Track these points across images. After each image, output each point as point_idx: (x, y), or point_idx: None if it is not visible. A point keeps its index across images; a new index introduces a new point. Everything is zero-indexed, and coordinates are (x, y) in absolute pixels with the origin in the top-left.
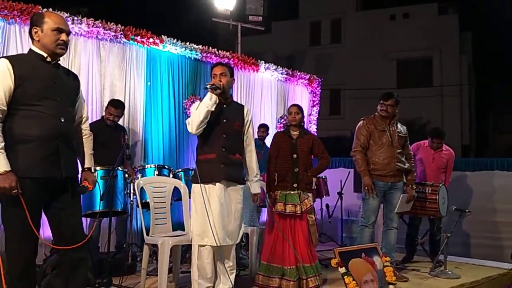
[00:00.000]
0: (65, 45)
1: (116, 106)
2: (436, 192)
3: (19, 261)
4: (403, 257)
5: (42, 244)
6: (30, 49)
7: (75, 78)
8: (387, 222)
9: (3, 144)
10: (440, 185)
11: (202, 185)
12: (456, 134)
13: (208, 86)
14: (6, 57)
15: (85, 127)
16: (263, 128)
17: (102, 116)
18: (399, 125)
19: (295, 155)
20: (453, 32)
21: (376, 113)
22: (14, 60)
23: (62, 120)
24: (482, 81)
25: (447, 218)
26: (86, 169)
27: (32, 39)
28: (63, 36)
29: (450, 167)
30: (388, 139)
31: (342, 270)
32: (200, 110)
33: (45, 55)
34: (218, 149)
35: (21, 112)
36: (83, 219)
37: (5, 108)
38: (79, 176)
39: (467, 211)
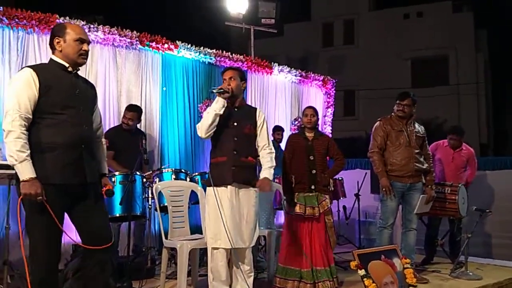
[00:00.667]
0: (86, 55)
1: (130, 109)
2: (455, 192)
3: (43, 267)
4: (423, 258)
5: (64, 249)
6: (51, 59)
7: (92, 87)
8: (406, 223)
9: (28, 152)
10: (460, 185)
11: (214, 188)
12: (473, 133)
13: (214, 91)
14: (30, 67)
15: (100, 133)
16: (279, 130)
17: (122, 122)
18: (416, 125)
19: (312, 156)
20: (468, 30)
21: (392, 114)
22: (37, 69)
23: (85, 128)
24: (498, 78)
25: (468, 218)
26: (103, 175)
27: (53, 49)
28: (85, 46)
29: (472, 166)
30: (405, 139)
31: (362, 272)
32: (208, 114)
33: (67, 65)
34: (229, 152)
35: (46, 120)
36: None
37: (31, 116)
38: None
39: (487, 211)
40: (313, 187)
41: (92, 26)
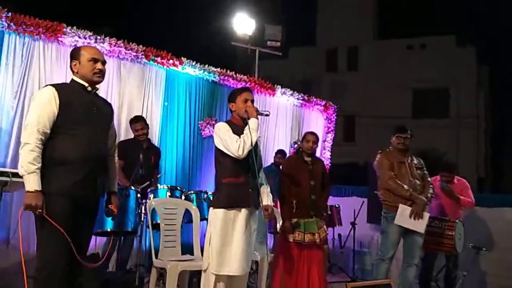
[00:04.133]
0: (101, 73)
1: (136, 120)
2: (452, 228)
3: (52, 277)
4: None
5: None
6: (72, 79)
7: (109, 106)
8: (408, 258)
9: (39, 165)
10: (457, 221)
11: (226, 210)
12: (471, 167)
13: (264, 113)
14: (52, 85)
15: (114, 151)
16: (280, 154)
17: (135, 136)
18: (413, 157)
19: (313, 182)
20: (471, 64)
21: (390, 147)
22: (59, 88)
23: (99, 144)
24: (499, 114)
25: (464, 254)
26: (112, 193)
27: (73, 71)
28: (99, 65)
29: (467, 194)
30: (407, 170)
31: None
32: (252, 133)
33: (86, 84)
34: (245, 173)
35: (62, 135)
36: (93, 237)
37: (48, 131)
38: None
39: (483, 249)
40: (312, 212)
41: (98, 37)
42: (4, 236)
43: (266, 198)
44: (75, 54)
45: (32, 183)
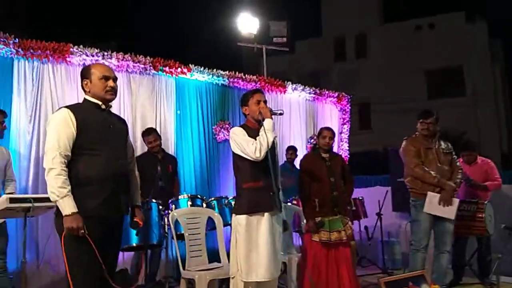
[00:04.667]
0: (113, 90)
1: (148, 133)
2: (482, 210)
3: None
4: (451, 279)
5: None
6: (85, 99)
7: (124, 122)
8: (439, 245)
9: (69, 187)
10: (486, 202)
11: (248, 216)
12: (494, 144)
13: (278, 112)
14: (66, 107)
15: (133, 165)
16: (292, 150)
17: (148, 150)
18: (442, 142)
19: (332, 178)
20: (483, 40)
21: (416, 133)
22: (73, 108)
23: (120, 162)
24: None
25: (496, 236)
26: (136, 207)
27: (84, 90)
28: (110, 83)
29: (493, 174)
30: (434, 156)
31: None
32: (268, 135)
33: (100, 103)
34: (266, 176)
35: (83, 156)
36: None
37: (70, 154)
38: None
39: None
40: (335, 209)
41: (106, 53)
42: (33, 258)
43: (284, 212)
44: (85, 73)
45: (68, 206)
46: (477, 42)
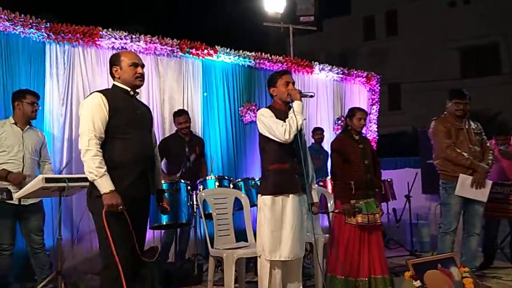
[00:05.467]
0: (142, 77)
1: (180, 113)
2: None
3: (120, 272)
4: (481, 262)
5: None
6: (114, 85)
7: (149, 109)
8: (469, 227)
9: (105, 167)
10: None
11: (274, 197)
12: None
13: (309, 95)
14: (99, 91)
15: (156, 151)
16: (319, 131)
17: (176, 131)
18: (471, 122)
19: (366, 160)
20: None
21: (445, 113)
22: (106, 93)
23: (148, 146)
24: None
25: None
26: (161, 190)
27: (113, 77)
28: (139, 69)
29: None
30: (466, 136)
31: (417, 283)
32: (297, 117)
33: (128, 89)
34: (291, 159)
35: (115, 140)
36: (150, 231)
37: (103, 136)
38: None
39: None
40: (370, 192)
41: (134, 36)
42: (68, 236)
43: (315, 195)
44: (115, 60)
45: (106, 184)
46: None
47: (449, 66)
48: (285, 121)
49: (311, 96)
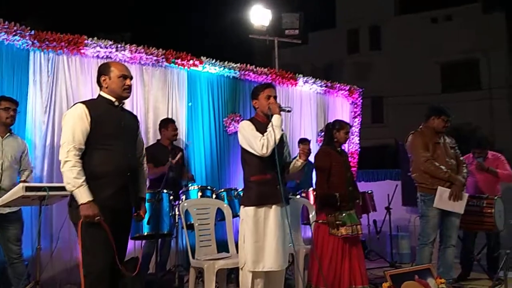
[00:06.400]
0: (130, 89)
1: (170, 121)
2: (491, 206)
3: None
4: (459, 274)
5: None
6: (100, 95)
7: (135, 118)
8: (445, 239)
9: (84, 178)
10: (496, 198)
11: (256, 208)
12: (508, 138)
13: (286, 109)
14: (82, 102)
15: (142, 159)
16: (305, 142)
17: (158, 140)
18: (446, 137)
19: (348, 173)
20: (500, 31)
21: (421, 127)
22: (89, 104)
23: (130, 157)
24: None
25: (506, 231)
26: (141, 199)
27: (101, 86)
28: (128, 81)
29: (504, 168)
30: (442, 150)
31: None
32: (276, 131)
33: (113, 99)
34: (273, 169)
35: (96, 150)
36: (131, 241)
37: (83, 147)
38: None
39: None
40: (351, 204)
41: (119, 45)
42: (47, 245)
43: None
44: (104, 69)
45: (84, 195)
46: (494, 34)
47: (430, 81)
48: (264, 135)
49: (289, 111)
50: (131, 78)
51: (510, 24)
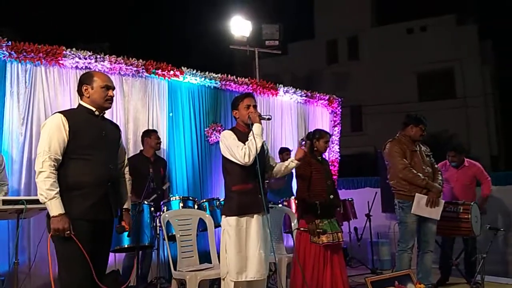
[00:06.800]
0: (112, 99)
1: (153, 131)
2: (468, 211)
3: (73, 286)
4: (438, 279)
5: None
6: (80, 104)
7: (117, 128)
8: (423, 245)
9: (57, 190)
10: (472, 203)
11: (237, 217)
12: (484, 146)
13: (266, 117)
14: (61, 112)
15: (126, 170)
16: (286, 151)
17: (141, 151)
18: (421, 145)
19: (329, 181)
20: (473, 42)
21: (398, 135)
22: (67, 114)
23: (110, 167)
24: (506, 88)
25: (483, 236)
26: (125, 210)
27: (81, 95)
28: (110, 92)
29: (484, 179)
30: (419, 158)
31: None
32: (257, 140)
33: (94, 109)
34: (254, 179)
35: (75, 160)
36: (111, 254)
37: (60, 158)
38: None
39: (501, 229)
40: (332, 212)
41: (98, 56)
42: (25, 260)
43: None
44: (86, 79)
45: (55, 208)
46: (467, 45)
47: (407, 90)
48: (246, 144)
49: (269, 119)
50: (114, 89)
51: (482, 35)
